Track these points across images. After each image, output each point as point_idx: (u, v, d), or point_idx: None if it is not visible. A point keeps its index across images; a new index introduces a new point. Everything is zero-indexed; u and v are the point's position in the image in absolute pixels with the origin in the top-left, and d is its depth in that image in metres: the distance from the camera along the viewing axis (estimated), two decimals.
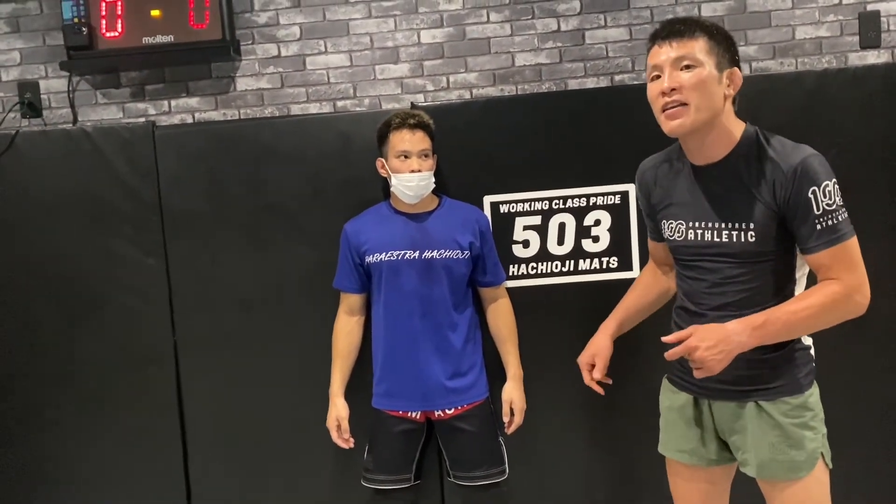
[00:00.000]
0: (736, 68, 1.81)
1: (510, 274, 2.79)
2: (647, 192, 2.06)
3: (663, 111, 1.81)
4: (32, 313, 2.94)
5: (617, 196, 2.80)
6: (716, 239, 1.85)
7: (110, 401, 2.94)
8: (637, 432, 2.86)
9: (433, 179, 2.53)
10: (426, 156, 2.51)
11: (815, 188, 1.72)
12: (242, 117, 3.04)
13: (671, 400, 2.06)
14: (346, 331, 2.65)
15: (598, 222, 2.81)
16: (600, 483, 2.89)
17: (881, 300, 2.74)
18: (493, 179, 2.81)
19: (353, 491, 2.71)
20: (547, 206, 2.81)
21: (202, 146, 2.87)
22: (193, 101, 3.04)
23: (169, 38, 2.84)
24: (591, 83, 2.96)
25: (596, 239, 2.81)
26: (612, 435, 2.88)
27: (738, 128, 1.84)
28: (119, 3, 2.82)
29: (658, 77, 1.82)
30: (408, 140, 2.49)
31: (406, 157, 2.49)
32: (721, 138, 1.82)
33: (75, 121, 3.05)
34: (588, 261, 2.82)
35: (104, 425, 2.95)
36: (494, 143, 2.81)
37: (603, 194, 2.81)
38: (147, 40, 2.85)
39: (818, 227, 1.73)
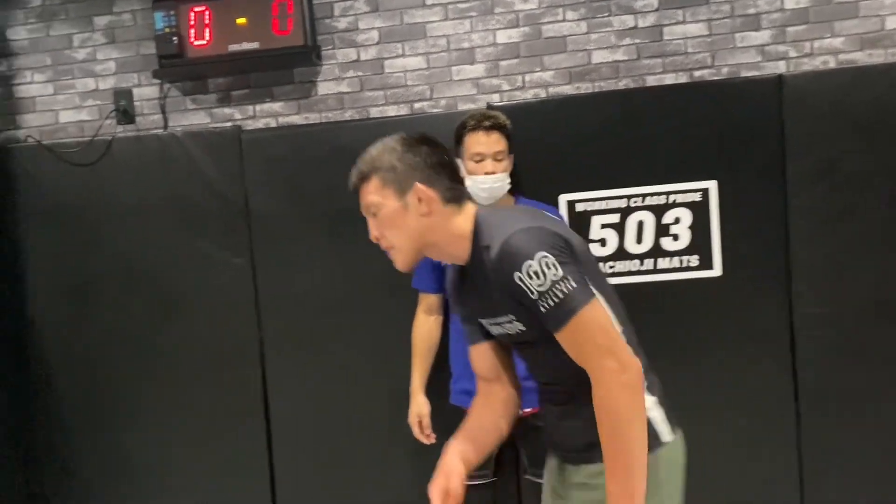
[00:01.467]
0: (418, 183, 1.58)
1: None
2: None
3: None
4: (124, 311, 3.09)
5: (697, 193, 2.76)
6: (506, 332, 1.69)
7: (198, 397, 3.06)
8: (714, 435, 2.82)
9: (508, 181, 2.54)
10: (501, 158, 2.51)
11: (519, 274, 1.49)
12: (323, 121, 3.12)
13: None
14: (425, 329, 2.69)
15: (677, 220, 2.78)
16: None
17: None
18: (569, 178, 2.81)
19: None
20: (625, 204, 2.79)
21: (286, 149, 2.97)
22: (277, 106, 3.14)
23: (254, 45, 2.94)
24: (669, 79, 2.92)
25: (676, 237, 2.78)
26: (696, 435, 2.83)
27: (465, 225, 1.64)
28: (207, 13, 2.94)
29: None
30: (482, 142, 2.50)
31: (480, 159, 2.50)
32: (452, 246, 1.66)
33: (166, 126, 3.19)
34: (668, 259, 2.79)
35: (191, 421, 3.08)
36: (571, 142, 2.81)
37: (683, 191, 2.77)
38: (233, 48, 2.95)
39: (542, 310, 1.50)
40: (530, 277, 1.48)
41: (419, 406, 2.64)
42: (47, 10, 3.18)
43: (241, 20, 2.92)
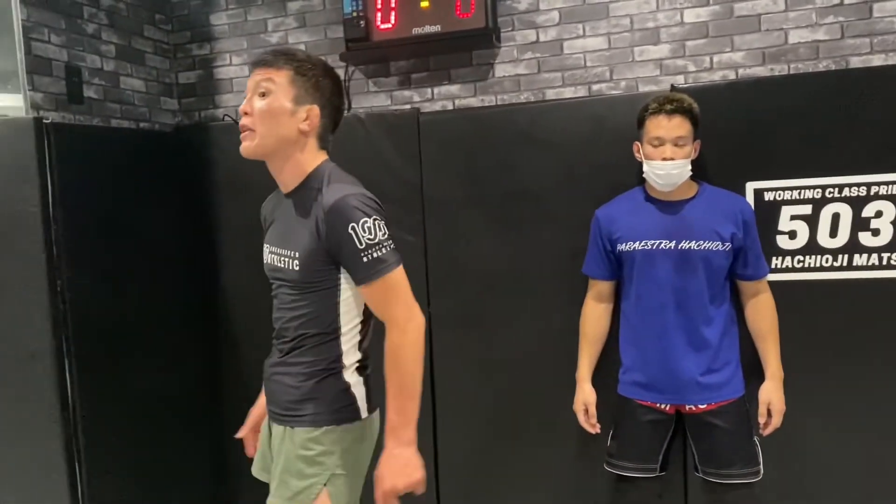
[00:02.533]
0: (316, 106, 1.83)
1: (773, 266, 2.62)
2: (262, 213, 2.16)
3: (241, 131, 1.87)
4: None
5: None
6: (277, 264, 1.91)
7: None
8: None
9: (689, 167, 2.43)
10: (682, 143, 2.41)
11: (355, 224, 1.74)
12: (499, 103, 3.12)
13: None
14: (595, 316, 2.64)
15: (879, 213, 2.55)
16: (861, 489, 2.64)
17: None
18: (758, 165, 2.65)
19: (597, 475, 2.72)
20: (819, 195, 2.60)
21: (461, 131, 3.00)
22: (454, 88, 3.18)
23: (436, 28, 2.98)
24: (877, 61, 2.68)
25: (876, 232, 2.56)
26: (880, 448, 2.62)
27: (313, 163, 1.88)
28: None
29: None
30: (663, 126, 2.41)
31: (660, 143, 2.41)
32: (293, 170, 1.88)
33: (349, 107, 3.32)
34: (865, 256, 2.57)
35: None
36: (760, 126, 2.64)
37: (886, 183, 2.54)
38: (416, 31, 3.01)
39: (363, 260, 1.76)
40: (364, 231, 1.74)
41: (585, 394, 2.61)
42: None
43: (425, 3, 2.97)
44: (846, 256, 2.60)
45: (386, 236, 1.79)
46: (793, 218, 2.63)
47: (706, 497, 2.56)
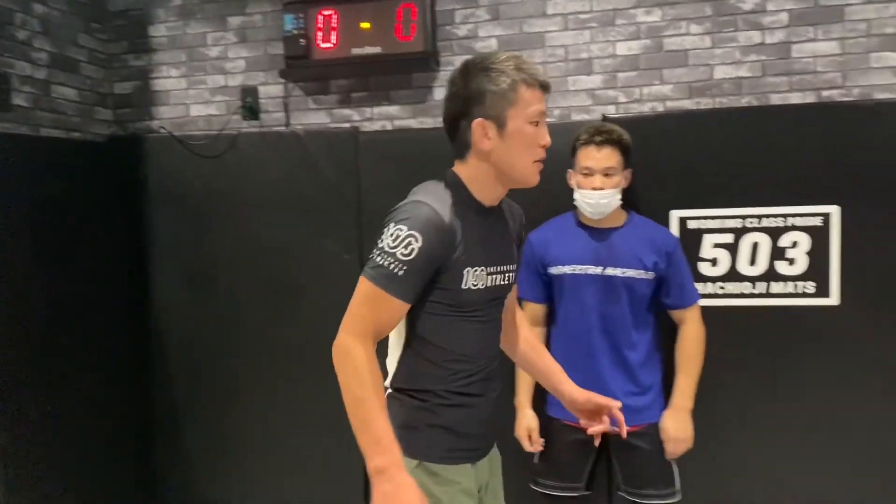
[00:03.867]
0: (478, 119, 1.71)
1: None
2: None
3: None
4: (241, 298, 3.25)
5: (818, 218, 2.66)
6: (502, 282, 1.86)
7: (306, 384, 3.17)
8: (827, 468, 2.71)
9: (618, 196, 2.51)
10: (611, 173, 2.49)
11: (386, 225, 1.67)
12: (437, 126, 3.15)
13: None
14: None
15: (795, 244, 2.68)
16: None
17: None
18: (683, 194, 2.77)
19: (523, 494, 2.75)
20: (740, 224, 2.72)
21: (400, 151, 3.04)
22: (393, 109, 3.21)
23: (377, 50, 3.01)
24: (795, 98, 2.82)
25: (792, 261, 2.69)
26: (803, 467, 2.73)
27: None
28: (334, 16, 3.04)
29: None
30: (592, 157, 2.48)
31: (589, 173, 2.49)
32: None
33: (288, 124, 3.32)
34: (782, 284, 2.70)
35: (298, 408, 3.19)
36: (686, 157, 2.76)
37: (802, 215, 2.68)
38: (356, 51, 3.04)
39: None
40: (384, 235, 1.65)
41: (528, 420, 2.63)
42: (186, 8, 3.36)
43: (366, 25, 3.00)
44: (765, 284, 2.72)
45: (390, 250, 1.63)
46: (715, 246, 2.74)
47: None
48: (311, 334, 3.14)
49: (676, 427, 2.52)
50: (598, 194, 2.47)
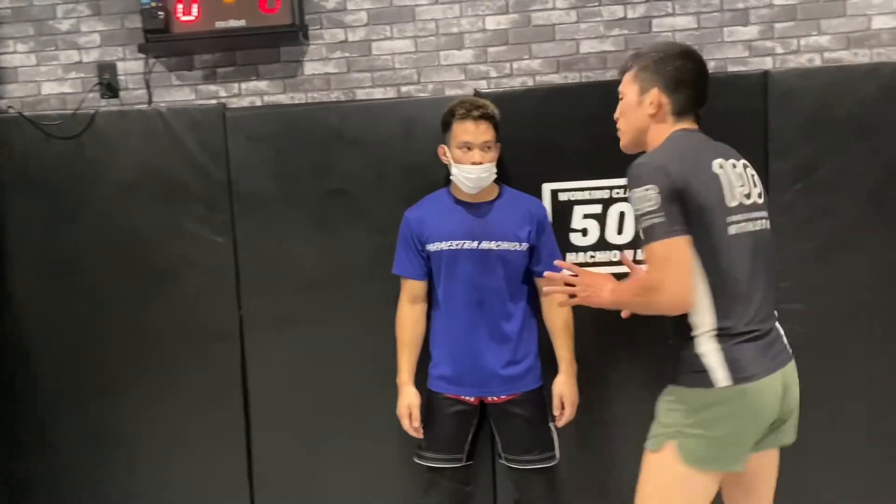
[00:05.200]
0: (655, 89, 2.01)
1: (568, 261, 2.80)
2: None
3: None
4: (106, 286, 3.07)
5: None
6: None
7: (176, 373, 3.07)
8: None
9: (495, 170, 2.54)
10: (488, 147, 2.51)
11: (630, 195, 1.91)
12: (309, 101, 3.10)
13: None
14: (411, 319, 2.67)
15: None
16: None
17: None
18: (554, 167, 2.82)
19: (409, 468, 2.78)
20: (607, 195, 2.81)
21: (270, 129, 2.95)
22: (262, 85, 3.12)
23: (241, 23, 2.91)
24: None
25: None
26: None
27: (659, 137, 2.03)
28: None
29: None
30: (471, 131, 2.49)
31: (468, 148, 2.50)
32: (651, 149, 2.05)
33: (150, 101, 3.16)
34: None
35: (170, 397, 3.08)
36: (556, 131, 2.81)
37: None
38: (220, 24, 2.93)
39: (638, 227, 1.90)
40: (633, 203, 1.88)
41: (409, 398, 2.62)
42: None
43: None
44: (631, 251, 2.81)
45: (651, 209, 1.83)
46: (585, 216, 2.82)
47: (510, 482, 2.70)
48: (185, 321, 3.04)
49: (572, 391, 2.61)
50: (478, 168, 2.48)
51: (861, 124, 2.70)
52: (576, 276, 2.06)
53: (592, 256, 2.83)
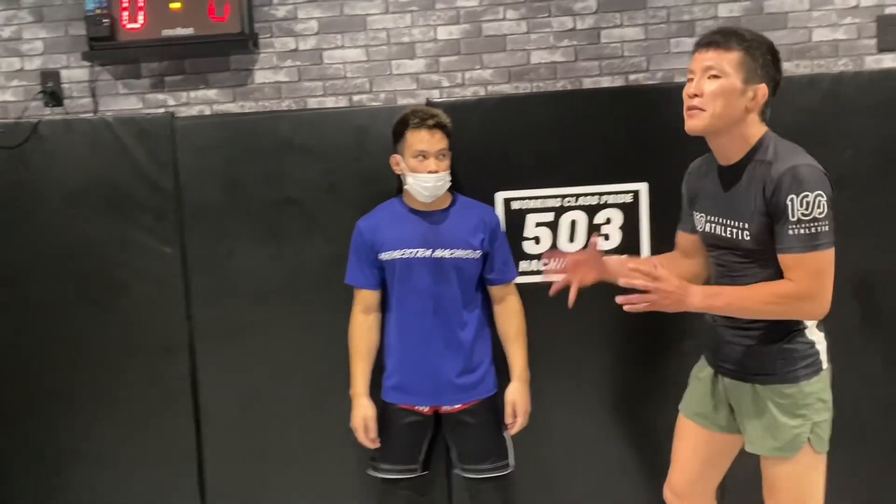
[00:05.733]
0: (764, 84, 1.95)
1: (520, 270, 2.81)
2: (687, 185, 2.28)
3: (687, 111, 2.00)
4: (51, 298, 3.00)
5: (629, 195, 2.82)
6: (722, 234, 2.05)
7: (126, 385, 3.00)
8: (643, 434, 2.89)
9: (449, 179, 2.55)
10: (443, 156, 2.52)
11: (794, 196, 1.84)
12: (260, 110, 3.07)
13: (700, 371, 2.29)
14: (364, 329, 2.64)
15: (609, 220, 2.83)
16: (605, 481, 2.93)
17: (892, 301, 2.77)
18: (507, 176, 2.84)
19: (363, 479, 2.75)
20: (559, 204, 2.83)
21: (220, 138, 2.92)
22: (212, 93, 3.08)
23: (189, 31, 2.87)
24: (605, 82, 2.97)
25: (606, 237, 2.83)
26: (619, 434, 2.91)
27: (757, 134, 1.99)
28: None
29: (691, 80, 2.00)
30: (426, 140, 2.49)
31: (424, 157, 2.49)
32: (736, 143, 2.00)
33: (96, 110, 3.09)
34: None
35: (119, 408, 3.01)
36: (508, 140, 2.83)
37: (615, 192, 2.83)
38: (167, 32, 2.88)
39: (790, 232, 1.86)
40: (801, 206, 1.83)
41: (364, 409, 2.59)
42: None
43: (176, 5, 2.85)
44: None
45: (823, 216, 1.84)
46: (537, 224, 2.84)
47: (465, 492, 2.70)
48: (133, 333, 2.98)
49: (524, 399, 2.61)
50: (434, 177, 2.48)
51: (803, 133, 2.76)
52: (655, 279, 1.87)
53: (546, 264, 2.84)
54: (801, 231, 1.85)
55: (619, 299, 1.89)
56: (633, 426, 2.89)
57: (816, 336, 2.02)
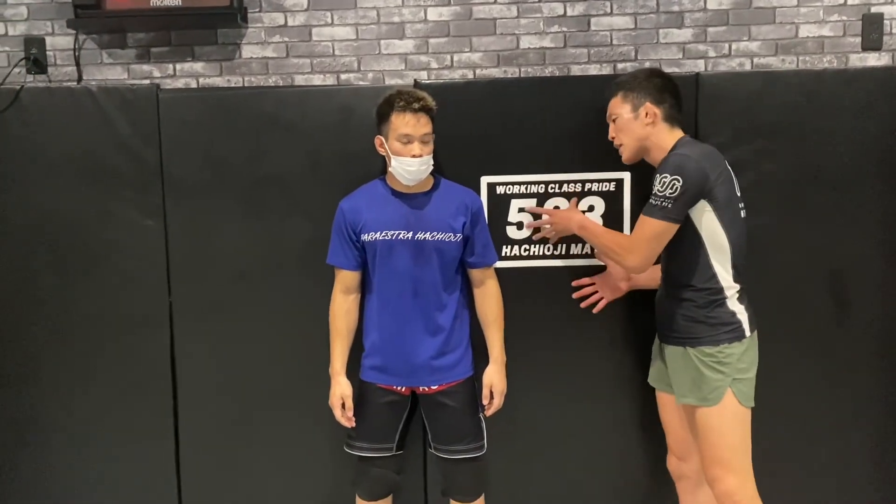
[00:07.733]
0: (647, 103, 2.43)
1: (503, 255, 2.83)
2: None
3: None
4: (31, 269, 2.97)
5: (612, 183, 2.83)
6: None
7: (103, 359, 2.98)
8: (620, 418, 2.93)
9: (432, 163, 2.55)
10: (427, 140, 2.52)
11: (658, 175, 2.32)
12: (246, 85, 3.05)
13: (655, 345, 2.68)
14: (345, 310, 2.65)
15: (591, 208, 2.85)
16: (577, 465, 2.96)
17: (876, 296, 2.81)
18: (492, 160, 2.84)
19: (339, 457, 2.77)
20: (542, 190, 2.84)
21: (205, 112, 2.89)
22: (198, 66, 3.05)
23: (177, 2, 2.84)
24: (593, 70, 2.98)
25: None
26: (594, 418, 2.94)
27: (672, 140, 2.43)
28: None
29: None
30: (411, 124, 2.48)
31: (408, 140, 2.49)
32: (658, 153, 2.45)
33: (80, 79, 3.06)
34: (580, 246, 2.86)
35: (96, 382, 2.99)
36: (495, 125, 2.83)
37: (598, 181, 2.84)
38: (155, 2, 2.85)
39: (649, 200, 2.35)
40: (658, 183, 2.31)
41: (342, 387, 2.61)
42: None
43: None
44: (565, 246, 2.87)
45: (670, 196, 2.28)
46: (521, 210, 2.86)
47: (440, 472, 2.72)
48: (112, 307, 2.96)
49: (501, 381, 2.65)
50: (418, 161, 2.48)
51: (786, 127, 2.80)
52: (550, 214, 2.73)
53: (527, 250, 2.87)
54: (651, 201, 2.32)
55: (575, 295, 2.77)
56: (609, 410, 2.93)
57: (737, 307, 2.39)
